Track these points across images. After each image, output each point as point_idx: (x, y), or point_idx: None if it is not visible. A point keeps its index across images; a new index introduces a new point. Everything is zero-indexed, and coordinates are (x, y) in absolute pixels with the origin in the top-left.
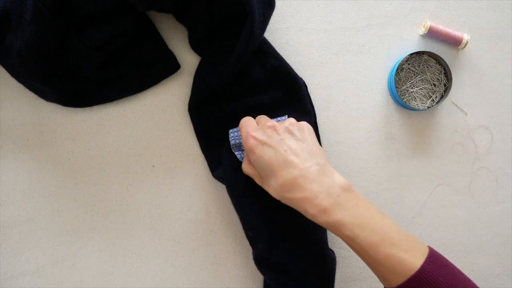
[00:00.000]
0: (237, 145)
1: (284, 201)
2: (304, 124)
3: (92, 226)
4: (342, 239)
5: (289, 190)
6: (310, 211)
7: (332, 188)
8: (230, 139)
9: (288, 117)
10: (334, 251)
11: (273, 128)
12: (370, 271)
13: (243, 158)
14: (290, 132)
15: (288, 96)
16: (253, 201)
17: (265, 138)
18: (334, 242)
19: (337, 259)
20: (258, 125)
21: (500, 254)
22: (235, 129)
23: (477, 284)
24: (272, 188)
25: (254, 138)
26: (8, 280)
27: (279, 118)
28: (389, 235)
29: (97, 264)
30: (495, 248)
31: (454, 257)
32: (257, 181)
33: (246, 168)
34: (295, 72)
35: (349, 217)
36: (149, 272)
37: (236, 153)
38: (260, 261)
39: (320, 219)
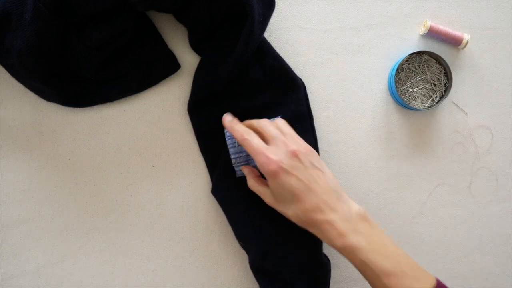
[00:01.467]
0: (237, 157)
1: (302, 224)
2: (314, 151)
3: (92, 226)
4: (355, 265)
5: (311, 215)
6: (328, 235)
7: (349, 214)
8: (228, 146)
9: (281, 117)
10: (334, 251)
11: (295, 155)
12: None
13: (241, 174)
14: (310, 161)
15: (286, 97)
16: (245, 210)
17: (289, 166)
18: None
19: (337, 259)
20: (270, 141)
21: (500, 254)
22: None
23: (477, 284)
24: (292, 211)
25: (278, 165)
26: (8, 280)
27: (272, 119)
28: (401, 263)
29: (97, 264)
30: (495, 248)
31: (454, 257)
32: (267, 200)
33: (254, 186)
34: (294, 73)
35: (365, 243)
36: (149, 272)
37: (236, 169)
38: (254, 268)
39: (337, 243)
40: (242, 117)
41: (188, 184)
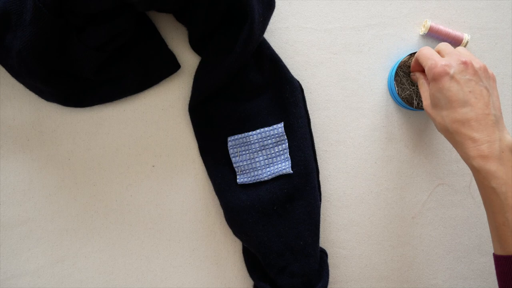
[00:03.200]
0: (238, 166)
1: (445, 133)
2: (492, 74)
3: (92, 226)
4: (483, 189)
5: (460, 126)
6: (469, 152)
7: (500, 142)
8: (230, 155)
9: (284, 123)
10: (334, 251)
11: (465, 65)
12: (370, 271)
13: (242, 181)
14: (479, 76)
15: (284, 98)
16: (250, 216)
17: (456, 72)
18: (334, 242)
19: (337, 259)
20: (445, 55)
21: None
22: (234, 137)
23: (477, 284)
24: (441, 117)
25: (444, 68)
26: (8, 280)
27: (275, 126)
28: None
29: (97, 264)
30: None
31: (454, 257)
32: (424, 102)
33: (421, 77)
34: (291, 75)
35: (503, 174)
36: (149, 272)
37: (238, 177)
38: (254, 272)
39: (475, 162)
40: (242, 118)
41: (188, 184)
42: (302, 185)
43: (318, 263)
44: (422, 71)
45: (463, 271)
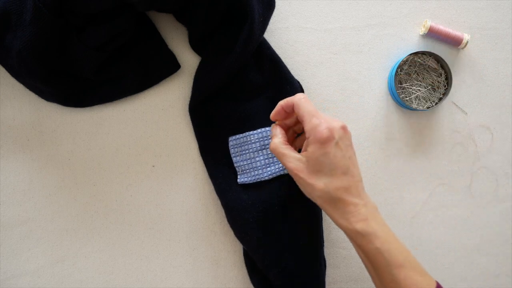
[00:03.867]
0: (239, 165)
1: (325, 200)
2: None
3: (92, 226)
4: (367, 252)
5: (341, 193)
6: (350, 217)
7: (370, 203)
8: (231, 154)
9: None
10: (334, 251)
11: (344, 130)
12: None
13: (243, 181)
14: (352, 143)
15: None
16: (251, 216)
17: (340, 138)
18: (334, 242)
19: (337, 259)
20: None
21: (500, 254)
22: (236, 137)
23: (477, 284)
24: (323, 184)
25: (331, 133)
26: (8, 280)
27: (267, 128)
28: (410, 258)
29: (97, 264)
30: (495, 248)
31: (454, 257)
32: (294, 165)
33: (280, 147)
34: (291, 75)
35: (382, 232)
36: (149, 272)
37: (239, 176)
38: (254, 276)
39: (359, 227)
40: (242, 118)
41: (188, 184)
42: None
43: (320, 264)
44: (285, 118)
45: (463, 271)
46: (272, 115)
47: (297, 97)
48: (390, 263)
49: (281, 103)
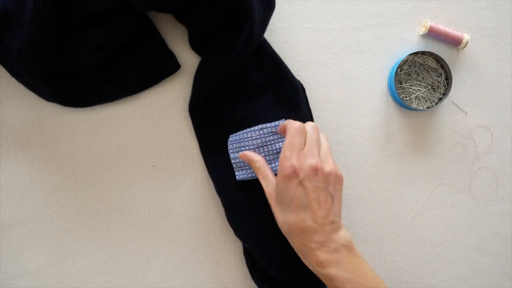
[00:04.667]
0: (237, 161)
1: (286, 234)
2: (340, 177)
3: (92, 226)
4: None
5: (298, 233)
6: (308, 259)
7: (335, 244)
8: (229, 151)
9: (285, 119)
10: None
11: (316, 171)
12: None
13: (241, 177)
14: (327, 184)
15: (285, 99)
16: (251, 214)
17: (304, 178)
18: None
19: None
20: (306, 144)
21: (500, 254)
22: (236, 134)
23: (477, 284)
24: (283, 217)
25: (295, 171)
26: (8, 280)
27: (276, 123)
28: None
29: (97, 264)
30: (495, 248)
31: (454, 257)
32: (268, 191)
33: (262, 171)
34: (292, 75)
35: (343, 272)
36: (149, 272)
37: (236, 173)
38: (255, 273)
39: (316, 268)
40: (242, 118)
41: (188, 184)
42: None
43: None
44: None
45: (463, 271)
46: (280, 128)
47: (289, 128)
48: None
49: (286, 122)
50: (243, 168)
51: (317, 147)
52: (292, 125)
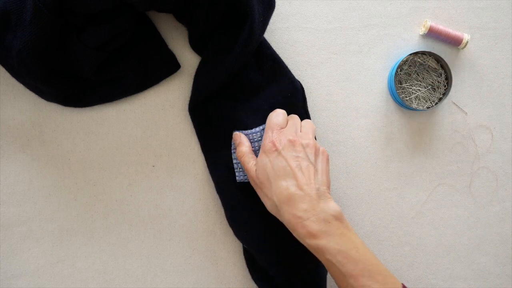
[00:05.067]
0: (238, 162)
1: (275, 213)
2: (322, 150)
3: (92, 226)
4: (323, 262)
5: (284, 202)
6: (299, 230)
7: (324, 213)
8: (232, 150)
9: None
10: None
11: (292, 142)
12: None
13: (241, 179)
14: (306, 154)
15: (285, 99)
16: (251, 215)
17: (283, 148)
18: None
19: None
20: (286, 124)
21: (500, 254)
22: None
23: (477, 284)
24: (270, 195)
25: (274, 143)
26: (8, 280)
27: (257, 129)
28: (368, 267)
29: (97, 264)
30: (495, 248)
31: (454, 257)
32: (251, 174)
33: (243, 155)
34: (292, 75)
35: (334, 244)
36: (149, 272)
37: (237, 174)
38: (255, 273)
39: (307, 240)
40: (242, 118)
41: (188, 184)
42: None
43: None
44: None
45: (463, 271)
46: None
47: (272, 112)
48: (343, 273)
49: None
50: (242, 169)
51: (296, 127)
52: (274, 111)
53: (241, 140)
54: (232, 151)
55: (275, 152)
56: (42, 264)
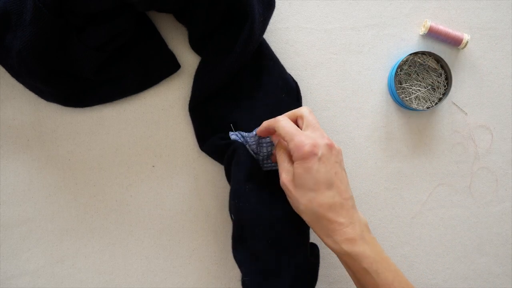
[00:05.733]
0: (251, 143)
1: (310, 217)
2: (339, 150)
3: (92, 226)
4: (355, 271)
5: (325, 211)
6: (336, 236)
7: (359, 222)
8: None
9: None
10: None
11: (330, 147)
12: None
13: (235, 137)
14: (340, 160)
15: (280, 99)
16: (264, 216)
17: (323, 154)
18: None
19: (337, 259)
20: (307, 127)
21: (500, 254)
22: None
23: (477, 284)
24: (307, 200)
25: (313, 149)
26: (8, 280)
27: (254, 132)
28: (399, 277)
29: (97, 264)
30: (495, 248)
31: (454, 257)
32: (284, 177)
33: (280, 155)
34: (288, 75)
35: (370, 252)
36: (149, 272)
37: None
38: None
39: (344, 246)
40: (241, 118)
41: (188, 184)
42: None
43: (307, 259)
44: (271, 134)
45: (463, 271)
46: (258, 132)
47: (277, 120)
48: (377, 282)
49: (264, 124)
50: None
51: (317, 125)
52: (276, 121)
53: (286, 134)
54: (258, 141)
55: (315, 158)
56: (42, 264)
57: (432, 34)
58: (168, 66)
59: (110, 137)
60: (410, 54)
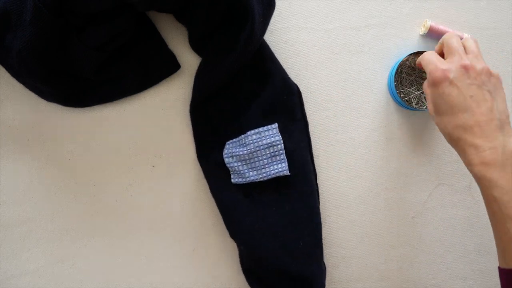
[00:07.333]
0: (232, 167)
1: (448, 140)
2: (496, 75)
3: (92, 226)
4: (485, 197)
5: (461, 132)
6: (471, 159)
7: (504, 148)
8: (224, 154)
9: (278, 124)
10: (334, 251)
11: (466, 69)
12: (370, 271)
13: (237, 181)
14: (481, 80)
15: (280, 100)
16: (246, 216)
17: (455, 77)
18: (334, 242)
19: (337, 259)
20: (448, 54)
21: None
22: (232, 141)
23: (477, 284)
24: (443, 123)
25: (444, 73)
26: (8, 280)
27: (268, 127)
28: None
29: (97, 264)
30: (495, 248)
31: (454, 257)
32: (429, 106)
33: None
34: (288, 76)
35: (506, 182)
36: (149, 272)
37: (232, 176)
38: (248, 273)
39: (476, 170)
40: (241, 118)
41: (188, 184)
42: (300, 187)
43: (321, 266)
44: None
45: (463, 271)
46: (417, 63)
47: (423, 55)
48: (504, 215)
49: (419, 59)
50: (239, 172)
51: (460, 49)
52: (424, 55)
53: (425, 63)
54: (225, 156)
55: (446, 82)
56: (42, 264)
57: (432, 34)
58: (168, 66)
59: (110, 137)
60: (410, 54)
